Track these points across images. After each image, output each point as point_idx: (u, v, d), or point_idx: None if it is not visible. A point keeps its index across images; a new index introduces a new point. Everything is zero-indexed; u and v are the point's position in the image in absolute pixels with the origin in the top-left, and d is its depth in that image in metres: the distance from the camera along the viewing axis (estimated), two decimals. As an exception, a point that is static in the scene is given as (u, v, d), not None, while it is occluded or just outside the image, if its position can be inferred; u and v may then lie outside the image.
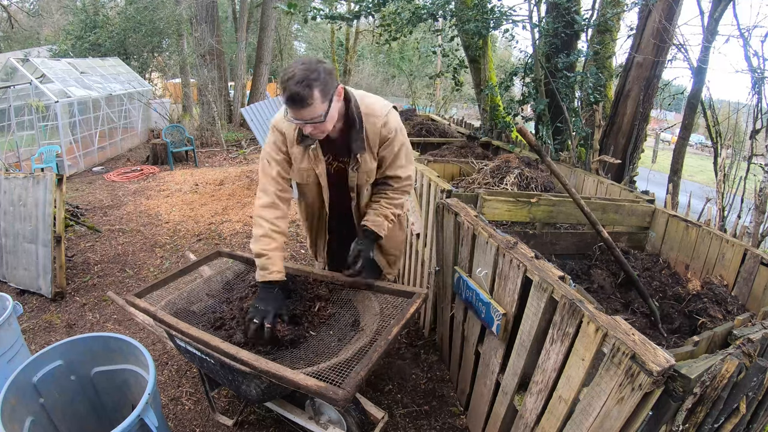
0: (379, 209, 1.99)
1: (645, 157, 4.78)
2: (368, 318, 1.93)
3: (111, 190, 6.70)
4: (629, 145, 4.05)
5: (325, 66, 1.59)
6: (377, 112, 1.83)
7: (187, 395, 2.50)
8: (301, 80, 1.52)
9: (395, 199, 2.02)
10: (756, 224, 2.96)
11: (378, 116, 1.83)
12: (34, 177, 3.58)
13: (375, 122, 1.82)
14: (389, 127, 1.85)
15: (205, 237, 4.81)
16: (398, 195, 2.03)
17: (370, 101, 1.86)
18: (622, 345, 1.18)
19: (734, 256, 2.01)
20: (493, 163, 3.19)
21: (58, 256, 3.49)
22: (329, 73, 1.60)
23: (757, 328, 1.41)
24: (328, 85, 1.60)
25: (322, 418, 1.93)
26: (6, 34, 17.14)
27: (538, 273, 1.57)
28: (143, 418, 1.50)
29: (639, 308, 2.03)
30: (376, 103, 1.86)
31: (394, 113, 1.91)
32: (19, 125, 7.65)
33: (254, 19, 14.87)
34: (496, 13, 4.37)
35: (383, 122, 1.83)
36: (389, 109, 1.89)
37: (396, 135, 1.89)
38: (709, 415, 1.27)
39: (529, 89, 4.55)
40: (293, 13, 4.36)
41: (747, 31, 3.64)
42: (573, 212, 2.36)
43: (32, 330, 3.15)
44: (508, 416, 1.86)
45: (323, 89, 1.57)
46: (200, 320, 1.98)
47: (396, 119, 1.91)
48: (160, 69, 13.22)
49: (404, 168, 1.99)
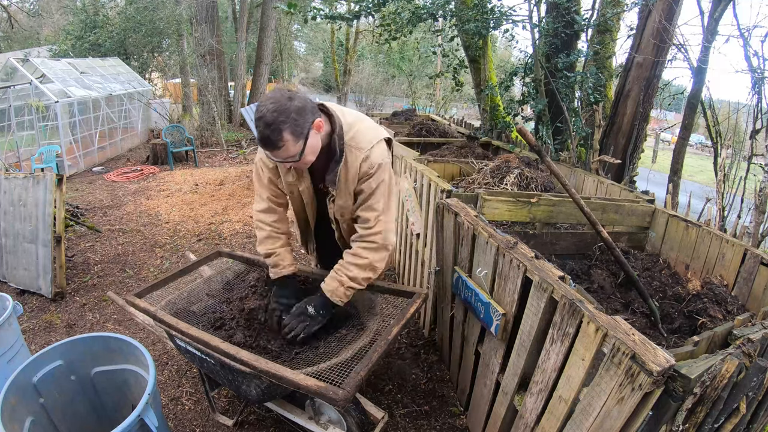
0: (338, 272, 1.75)
1: (645, 157, 4.78)
2: (368, 318, 1.93)
3: (111, 190, 6.70)
4: (629, 145, 4.05)
5: (295, 104, 1.48)
6: (361, 144, 1.67)
7: (187, 395, 2.50)
8: (270, 123, 1.45)
9: (360, 258, 1.73)
10: (756, 224, 2.96)
11: (361, 149, 1.67)
12: (34, 177, 3.58)
13: (357, 155, 1.67)
14: (370, 162, 1.67)
15: (205, 237, 4.82)
16: (363, 251, 1.73)
17: (357, 130, 1.70)
18: (622, 345, 1.18)
19: (734, 256, 2.01)
20: (493, 163, 3.19)
21: (58, 256, 3.49)
22: (300, 111, 1.49)
23: (757, 328, 1.41)
24: (301, 125, 1.49)
25: (322, 418, 1.93)
26: (6, 34, 17.14)
27: (538, 273, 1.57)
28: (143, 418, 1.50)
29: (639, 308, 2.03)
30: (364, 134, 1.70)
31: (380, 148, 1.72)
32: (19, 125, 7.65)
33: (254, 19, 14.87)
34: (496, 13, 4.37)
35: (365, 156, 1.67)
36: (376, 142, 1.71)
37: (377, 171, 1.69)
38: (709, 415, 1.27)
39: (529, 89, 4.55)
40: (293, 13, 4.36)
41: (747, 31, 3.64)
42: (573, 212, 2.36)
43: (32, 330, 3.15)
44: (508, 416, 1.86)
45: (294, 130, 1.47)
46: (200, 320, 1.98)
47: (381, 154, 1.71)
48: (160, 69, 13.22)
49: (376, 213, 1.71)
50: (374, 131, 1.75)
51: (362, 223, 1.75)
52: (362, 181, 1.71)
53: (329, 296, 1.74)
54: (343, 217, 1.84)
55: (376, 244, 1.73)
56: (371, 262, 1.74)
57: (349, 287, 1.74)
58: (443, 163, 3.52)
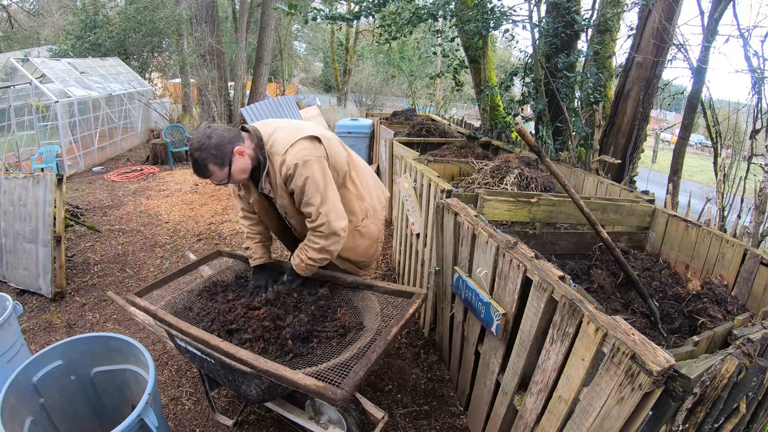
0: (300, 250, 2.04)
1: (645, 157, 4.78)
2: (368, 318, 1.93)
3: (111, 190, 6.70)
4: (629, 145, 4.05)
5: (213, 141, 1.76)
6: (278, 149, 1.87)
7: (187, 395, 2.50)
8: (196, 159, 1.77)
9: (314, 243, 1.97)
10: (756, 224, 2.96)
11: (278, 153, 1.87)
12: (34, 177, 3.58)
13: (276, 160, 1.88)
14: (287, 164, 1.85)
15: (205, 237, 4.82)
16: (316, 238, 1.96)
17: (275, 138, 1.90)
18: (622, 345, 1.18)
19: (734, 256, 2.01)
20: (493, 163, 3.19)
21: (58, 256, 3.49)
22: (218, 145, 1.76)
23: (757, 328, 1.41)
24: (219, 157, 1.77)
25: (322, 418, 1.93)
26: (6, 34, 17.14)
27: (538, 273, 1.57)
28: (143, 418, 1.50)
29: (639, 308, 2.03)
30: (280, 140, 1.89)
31: (297, 147, 1.86)
32: (19, 125, 7.64)
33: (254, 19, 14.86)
34: (496, 13, 4.37)
35: (282, 160, 1.86)
36: (291, 144, 1.86)
37: (296, 169, 1.84)
38: (709, 415, 1.27)
39: (529, 89, 4.55)
40: (293, 13, 4.37)
41: (747, 31, 3.64)
42: (573, 212, 2.36)
43: (32, 330, 3.15)
44: (508, 416, 1.86)
45: (215, 161, 1.77)
46: (200, 320, 1.98)
47: (298, 153, 1.84)
48: (160, 69, 13.22)
49: (314, 207, 1.89)
50: (291, 134, 1.90)
51: (307, 217, 1.98)
52: (288, 182, 1.90)
53: (295, 269, 2.07)
54: (287, 215, 2.09)
55: (323, 233, 1.95)
56: (323, 247, 1.98)
57: (308, 264, 2.03)
58: (443, 163, 3.52)
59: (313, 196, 1.87)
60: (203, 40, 10.82)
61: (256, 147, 1.90)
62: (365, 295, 2.07)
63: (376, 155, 6.42)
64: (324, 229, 1.92)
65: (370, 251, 2.30)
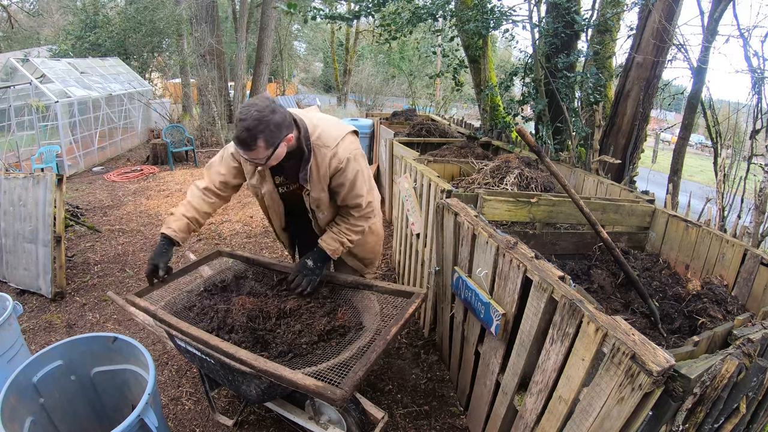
0: (338, 235, 2.03)
1: (645, 157, 4.77)
2: (368, 317, 1.93)
3: (111, 190, 6.70)
4: (629, 145, 4.05)
5: (276, 118, 1.64)
6: (328, 142, 1.85)
7: (187, 395, 2.50)
8: (250, 128, 1.60)
9: (356, 226, 2.04)
10: (756, 224, 2.95)
11: (328, 147, 1.84)
12: (34, 177, 3.58)
13: (325, 153, 1.84)
14: (339, 157, 1.85)
15: (205, 237, 4.82)
16: (360, 222, 2.05)
17: (322, 130, 1.86)
18: (622, 345, 1.18)
19: (734, 256, 2.01)
20: (493, 163, 3.19)
21: (58, 256, 3.49)
22: (278, 125, 1.65)
23: (757, 328, 1.40)
24: (275, 136, 1.66)
25: (322, 418, 1.93)
26: (6, 34, 17.14)
27: (538, 273, 1.57)
28: (143, 418, 1.50)
29: (639, 308, 2.02)
30: (328, 133, 1.86)
31: (347, 141, 1.89)
32: (19, 125, 7.64)
33: (254, 19, 14.86)
34: (496, 13, 4.37)
35: (333, 153, 1.84)
36: (342, 138, 1.88)
37: (348, 164, 1.87)
38: (709, 415, 1.27)
39: (529, 89, 4.55)
40: (293, 13, 4.36)
41: (747, 31, 3.63)
42: (573, 212, 2.36)
43: (32, 330, 3.15)
44: (508, 416, 1.86)
45: (268, 139, 1.64)
46: (200, 320, 1.98)
47: (348, 147, 1.89)
48: (160, 69, 13.22)
49: (363, 197, 1.98)
50: (338, 129, 1.91)
51: (354, 208, 2.00)
52: (336, 176, 1.89)
53: (330, 254, 2.02)
54: (319, 207, 2.03)
55: (370, 217, 2.07)
56: (364, 229, 2.07)
57: (346, 246, 2.06)
58: (443, 163, 3.52)
59: (362, 188, 1.95)
60: (203, 40, 10.82)
61: (302, 137, 1.84)
62: (365, 295, 2.07)
63: (376, 155, 6.42)
64: (371, 213, 2.05)
65: (376, 248, 2.34)
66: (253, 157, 1.70)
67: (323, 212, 2.05)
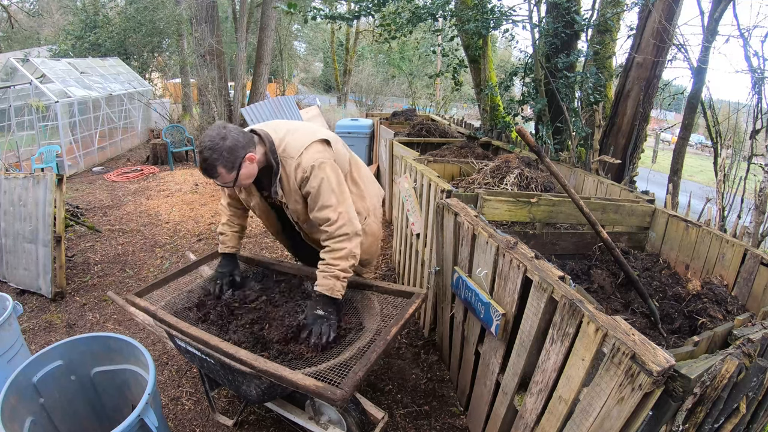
0: (327, 270, 1.86)
1: (645, 157, 4.77)
2: (368, 318, 1.93)
3: (111, 190, 6.70)
4: (629, 145, 4.05)
5: (227, 144, 1.72)
6: (292, 153, 1.86)
7: (187, 395, 2.50)
8: (206, 158, 1.72)
9: (338, 251, 1.86)
10: (756, 224, 2.95)
11: (292, 157, 1.85)
12: (34, 177, 3.58)
13: (290, 164, 1.86)
14: (303, 167, 1.83)
15: (205, 237, 4.82)
16: (339, 244, 1.86)
17: (287, 142, 1.87)
18: (622, 345, 1.18)
19: (734, 256, 2.01)
20: (493, 163, 3.19)
21: (58, 256, 3.49)
22: (232, 149, 1.73)
23: (757, 328, 1.40)
24: (231, 161, 1.74)
25: (322, 418, 1.93)
26: (6, 34, 17.13)
27: (538, 273, 1.57)
28: (143, 418, 1.50)
29: (639, 308, 2.02)
30: (293, 144, 1.87)
31: (312, 150, 1.85)
32: (19, 125, 7.64)
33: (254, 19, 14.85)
34: (496, 13, 4.36)
35: (297, 163, 1.84)
36: (307, 147, 1.85)
37: (312, 171, 1.82)
38: (709, 415, 1.27)
39: (529, 89, 4.55)
40: (293, 13, 4.36)
41: (747, 31, 3.63)
42: (573, 212, 2.36)
43: (32, 330, 3.15)
44: (508, 416, 1.86)
45: (226, 165, 1.73)
46: (199, 319, 1.98)
47: (313, 156, 1.84)
48: (160, 69, 13.21)
49: (331, 207, 1.85)
50: (304, 137, 1.89)
51: (324, 222, 1.88)
52: (303, 185, 1.88)
53: (330, 294, 1.85)
54: (299, 219, 2.05)
55: (347, 235, 1.88)
56: (350, 251, 1.88)
57: (343, 279, 1.88)
58: (443, 163, 3.52)
59: (329, 197, 1.85)
60: (203, 40, 10.81)
61: (267, 152, 1.87)
62: (365, 295, 2.07)
63: (376, 155, 6.42)
64: (346, 230, 1.86)
65: (372, 249, 2.32)
66: (221, 182, 1.79)
67: (306, 223, 2.05)
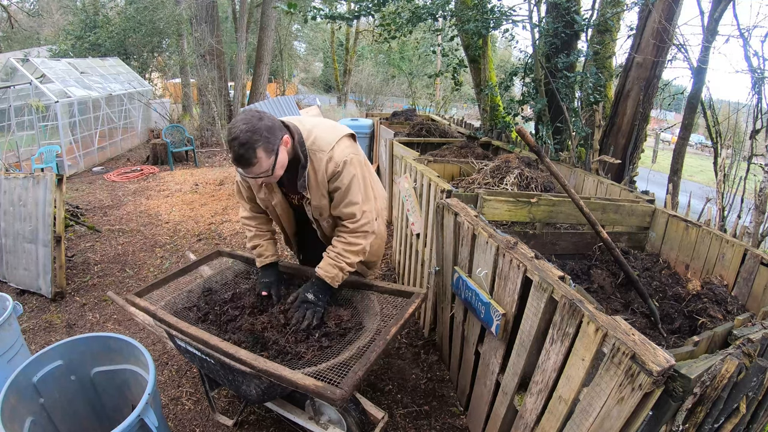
0: (336, 259, 1.88)
1: (645, 157, 4.77)
2: (368, 317, 1.93)
3: (111, 190, 6.70)
4: (629, 145, 4.05)
5: (265, 123, 1.61)
6: (323, 146, 1.79)
7: (187, 395, 2.50)
8: (245, 143, 1.56)
9: (354, 245, 1.88)
10: (756, 224, 2.95)
11: (324, 151, 1.79)
12: (34, 177, 3.58)
13: (321, 158, 1.79)
14: (336, 161, 1.79)
15: (205, 237, 4.82)
16: (356, 239, 1.89)
17: (316, 135, 1.81)
18: (622, 345, 1.18)
19: (734, 256, 2.01)
20: (493, 163, 3.19)
21: (58, 256, 3.49)
22: (270, 128, 1.62)
23: (757, 328, 1.41)
24: (272, 141, 1.62)
25: (322, 418, 1.93)
26: (6, 34, 17.14)
27: (538, 273, 1.57)
28: (143, 418, 1.50)
29: (639, 308, 2.03)
30: (323, 137, 1.81)
31: (343, 144, 1.83)
32: (19, 125, 7.64)
33: (254, 19, 14.86)
34: (496, 13, 4.37)
35: (329, 157, 1.79)
36: (338, 141, 1.82)
37: (345, 167, 1.80)
38: (709, 415, 1.27)
39: (529, 89, 4.55)
40: (293, 13, 4.36)
41: (747, 31, 3.63)
42: (573, 212, 2.36)
43: (32, 330, 3.15)
44: (508, 416, 1.86)
45: (266, 147, 1.61)
46: (199, 319, 1.98)
47: (345, 150, 1.82)
48: (160, 69, 13.22)
49: (358, 205, 1.85)
50: (333, 132, 1.86)
51: (348, 218, 1.88)
52: (333, 180, 1.83)
53: (330, 282, 1.88)
54: (321, 216, 1.96)
55: (366, 233, 1.91)
56: (364, 248, 1.92)
57: (347, 272, 1.91)
58: (443, 163, 3.52)
59: (356, 194, 1.84)
60: (203, 40, 10.82)
61: (296, 143, 1.78)
62: (365, 295, 2.07)
63: (376, 155, 6.42)
64: (368, 227, 1.90)
65: (379, 251, 2.29)
66: (258, 172, 1.65)
67: (327, 220, 1.98)
